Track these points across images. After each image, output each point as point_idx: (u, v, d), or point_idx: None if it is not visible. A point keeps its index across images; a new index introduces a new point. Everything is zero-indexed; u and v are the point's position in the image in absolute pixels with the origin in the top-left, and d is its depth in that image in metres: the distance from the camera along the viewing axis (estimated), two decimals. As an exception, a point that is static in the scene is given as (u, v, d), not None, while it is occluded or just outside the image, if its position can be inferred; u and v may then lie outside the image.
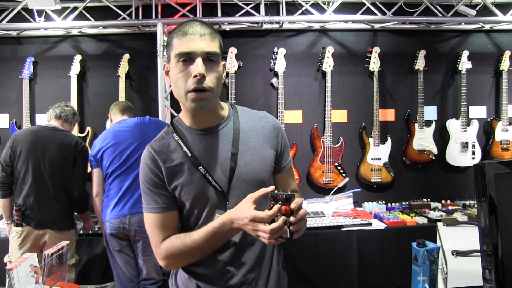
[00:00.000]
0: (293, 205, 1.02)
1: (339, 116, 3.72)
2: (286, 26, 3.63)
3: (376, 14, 3.57)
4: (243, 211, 1.06)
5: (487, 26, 3.77)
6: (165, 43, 3.39)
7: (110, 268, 2.75)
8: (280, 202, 1.02)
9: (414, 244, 1.36)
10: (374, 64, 3.64)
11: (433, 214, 3.28)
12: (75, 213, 2.76)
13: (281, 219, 1.01)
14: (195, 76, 1.06)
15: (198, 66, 1.06)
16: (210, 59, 1.09)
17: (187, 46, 1.07)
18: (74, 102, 3.53)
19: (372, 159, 3.66)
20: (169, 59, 1.14)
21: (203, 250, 1.16)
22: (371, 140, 3.66)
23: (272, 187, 1.06)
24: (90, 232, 2.98)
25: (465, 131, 3.70)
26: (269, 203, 1.03)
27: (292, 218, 1.02)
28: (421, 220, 3.19)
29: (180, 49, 1.07)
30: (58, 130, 2.68)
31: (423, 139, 3.70)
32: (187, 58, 1.08)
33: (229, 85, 3.50)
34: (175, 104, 3.60)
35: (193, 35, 1.07)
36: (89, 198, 2.74)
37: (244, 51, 3.65)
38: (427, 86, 3.73)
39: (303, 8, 3.56)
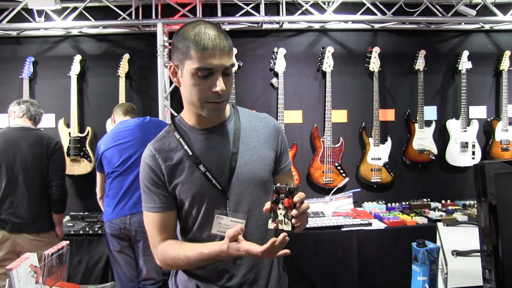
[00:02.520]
0: (296, 199, 1.02)
1: (339, 116, 3.72)
2: (286, 26, 3.63)
3: (376, 14, 3.57)
4: (235, 248, 1.06)
5: (487, 26, 3.77)
6: (165, 43, 3.39)
7: (110, 268, 2.75)
8: (283, 195, 1.02)
9: (414, 244, 1.36)
10: (374, 64, 3.64)
11: (433, 214, 3.28)
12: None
13: (279, 237, 1.02)
14: (216, 91, 1.08)
15: (221, 83, 1.08)
16: (227, 71, 1.11)
17: (209, 62, 1.06)
18: (74, 102, 3.53)
19: (372, 159, 3.66)
20: (181, 64, 1.10)
21: (196, 266, 1.18)
22: (371, 140, 3.66)
23: (239, 228, 1.06)
24: (91, 232, 2.99)
25: (465, 131, 3.70)
26: (272, 195, 1.04)
27: (294, 211, 1.02)
28: (421, 220, 3.19)
29: (201, 64, 1.06)
30: (28, 129, 2.59)
31: (423, 139, 3.69)
32: (207, 72, 1.08)
33: (229, 85, 3.49)
34: (175, 104, 3.60)
35: (214, 49, 1.06)
36: (67, 198, 2.63)
37: (244, 51, 3.65)
38: (427, 86, 3.73)
39: (303, 8, 3.56)
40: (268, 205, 1.04)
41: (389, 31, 3.78)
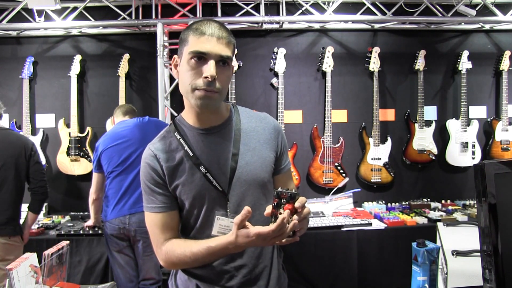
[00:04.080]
0: (297, 204, 1.01)
1: (339, 116, 3.73)
2: (286, 26, 3.63)
3: (376, 14, 3.57)
4: (244, 234, 1.04)
5: (487, 26, 3.77)
6: (165, 43, 3.40)
7: (110, 268, 2.75)
8: (284, 200, 1.02)
9: (414, 244, 1.36)
10: (374, 64, 3.64)
11: (433, 214, 3.28)
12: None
13: (286, 213, 1.00)
14: (206, 77, 1.07)
15: (211, 68, 1.07)
16: (222, 62, 1.10)
17: (203, 46, 1.07)
18: (74, 102, 3.53)
19: (372, 159, 3.66)
20: (181, 53, 1.13)
21: (203, 262, 1.17)
22: (371, 140, 3.66)
23: (246, 211, 1.02)
24: (91, 232, 2.99)
25: (465, 131, 3.70)
26: (273, 200, 1.03)
27: (295, 217, 1.01)
28: (421, 220, 3.19)
29: (196, 48, 1.07)
30: (2, 129, 2.53)
31: (423, 139, 3.69)
32: (201, 57, 1.08)
33: (229, 85, 3.49)
34: (175, 104, 3.60)
35: (211, 36, 1.08)
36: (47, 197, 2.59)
37: (244, 51, 3.66)
38: (427, 86, 3.73)
39: (303, 8, 3.56)
40: (269, 209, 1.03)
41: (389, 31, 3.78)
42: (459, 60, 3.71)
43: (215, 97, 1.11)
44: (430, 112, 3.78)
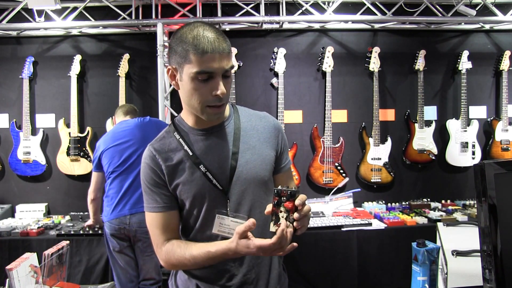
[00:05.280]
0: (297, 202, 1.02)
1: (339, 116, 3.73)
2: (286, 26, 3.63)
3: (376, 14, 3.57)
4: (244, 244, 1.05)
5: (487, 26, 3.77)
6: (165, 43, 3.39)
7: (110, 268, 2.75)
8: (284, 198, 1.02)
9: (414, 244, 1.36)
10: (374, 64, 3.64)
11: (433, 214, 3.28)
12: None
13: (283, 224, 1.01)
14: (217, 95, 1.08)
15: (221, 86, 1.08)
16: (227, 74, 1.10)
17: (208, 66, 1.05)
18: (74, 102, 3.53)
19: (372, 159, 3.66)
20: (180, 68, 1.10)
21: (202, 265, 1.17)
22: (371, 140, 3.66)
23: (251, 222, 1.04)
24: (91, 232, 2.99)
25: (465, 131, 3.70)
26: (273, 198, 1.03)
27: (296, 215, 1.02)
28: (421, 220, 3.19)
29: (201, 68, 1.05)
30: None
31: (423, 139, 3.69)
32: (207, 76, 1.07)
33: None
34: (175, 104, 3.60)
35: (213, 53, 1.05)
36: None
37: (244, 51, 3.65)
38: (427, 86, 3.73)
39: (303, 8, 3.56)
40: (269, 207, 1.03)
41: (389, 31, 3.78)
42: (459, 60, 3.71)
43: (224, 108, 1.15)
44: (430, 112, 3.78)
